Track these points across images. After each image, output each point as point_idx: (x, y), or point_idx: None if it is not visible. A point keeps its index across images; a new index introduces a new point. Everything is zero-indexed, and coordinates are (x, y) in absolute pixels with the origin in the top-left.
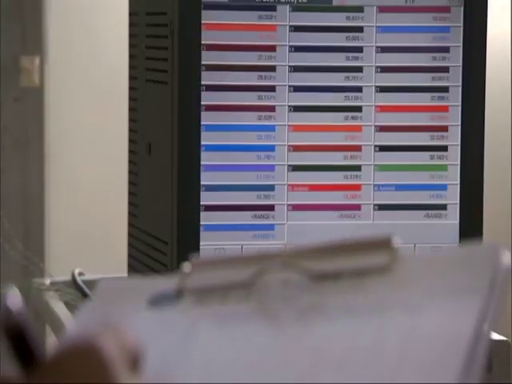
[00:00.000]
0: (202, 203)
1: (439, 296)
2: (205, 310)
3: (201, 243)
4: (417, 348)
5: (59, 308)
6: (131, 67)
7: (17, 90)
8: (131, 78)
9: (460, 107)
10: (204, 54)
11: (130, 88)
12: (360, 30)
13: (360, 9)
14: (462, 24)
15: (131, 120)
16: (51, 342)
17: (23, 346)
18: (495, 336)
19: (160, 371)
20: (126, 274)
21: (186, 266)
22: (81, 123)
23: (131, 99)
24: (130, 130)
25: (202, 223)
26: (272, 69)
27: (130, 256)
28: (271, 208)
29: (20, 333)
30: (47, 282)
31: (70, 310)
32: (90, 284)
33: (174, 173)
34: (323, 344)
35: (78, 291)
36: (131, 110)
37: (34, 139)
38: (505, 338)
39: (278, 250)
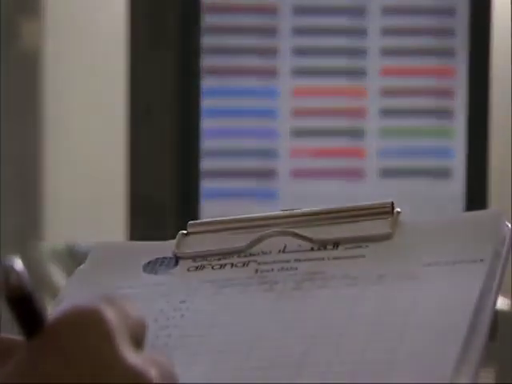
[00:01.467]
0: (202, 168)
1: (441, 264)
2: (202, 276)
3: (201, 209)
4: (419, 317)
5: (56, 276)
6: (131, 27)
7: (15, 53)
8: (131, 39)
9: (466, 70)
10: (204, 16)
11: (130, 50)
12: None
13: None
14: None
15: (131, 83)
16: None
17: (26, 309)
18: (500, 305)
19: (156, 343)
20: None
21: (183, 231)
22: (79, 86)
23: (131, 61)
24: (130, 94)
25: (202, 189)
26: (274, 31)
27: (129, 222)
28: (273, 173)
29: (22, 295)
30: (45, 249)
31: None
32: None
33: (174, 138)
34: (322, 313)
35: (75, 259)
36: (131, 72)
37: (32, 103)
38: (509, 303)
39: (277, 215)
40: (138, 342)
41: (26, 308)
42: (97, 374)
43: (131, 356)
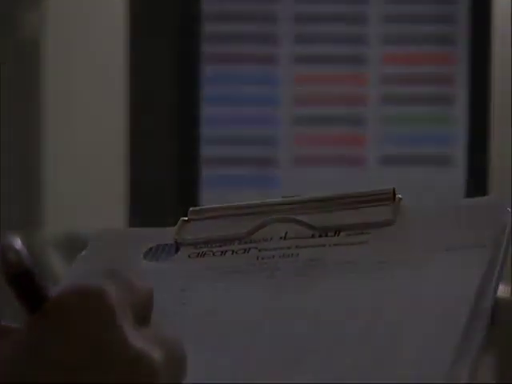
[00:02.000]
0: (203, 156)
1: (443, 250)
2: (203, 263)
3: (202, 196)
4: (420, 304)
5: (57, 263)
6: (131, 15)
7: (14, 43)
8: (130, 26)
9: (467, 57)
10: (204, 3)
11: (130, 37)
12: None
13: None
14: None
15: (131, 70)
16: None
17: (25, 285)
18: (500, 292)
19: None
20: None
21: (184, 218)
22: (79, 75)
23: (130, 49)
24: (130, 81)
25: (202, 176)
26: (275, 18)
27: (129, 210)
28: (274, 161)
29: (21, 272)
30: (45, 236)
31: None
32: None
33: (175, 125)
34: (323, 299)
35: (75, 246)
36: (131, 59)
37: (31, 92)
38: (509, 290)
39: (278, 201)
40: (143, 316)
41: (25, 285)
42: (97, 352)
43: (133, 334)
